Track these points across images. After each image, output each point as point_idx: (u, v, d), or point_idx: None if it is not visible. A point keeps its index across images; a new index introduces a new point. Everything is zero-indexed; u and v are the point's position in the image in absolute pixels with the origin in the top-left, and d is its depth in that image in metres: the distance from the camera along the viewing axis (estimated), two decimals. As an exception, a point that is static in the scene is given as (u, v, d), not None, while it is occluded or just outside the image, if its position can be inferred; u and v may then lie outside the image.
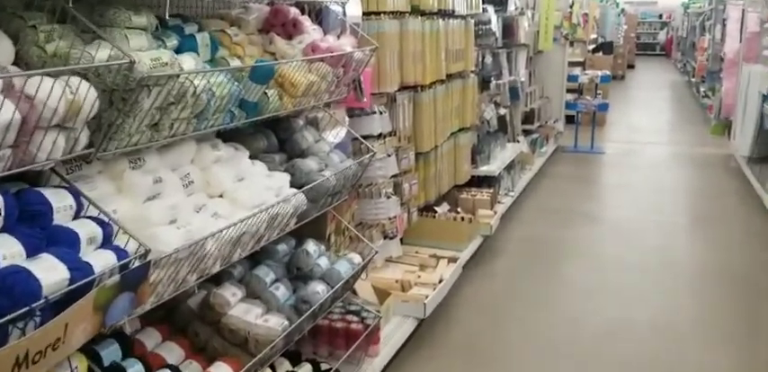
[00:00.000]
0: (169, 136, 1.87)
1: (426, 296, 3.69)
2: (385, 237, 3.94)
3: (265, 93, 2.31)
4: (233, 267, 2.59)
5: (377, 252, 2.99)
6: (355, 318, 3.22)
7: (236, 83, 2.11)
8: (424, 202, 4.69)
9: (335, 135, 3.07)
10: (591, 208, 6.50)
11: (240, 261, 2.61)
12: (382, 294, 3.64)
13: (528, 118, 7.94)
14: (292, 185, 2.58)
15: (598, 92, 9.57)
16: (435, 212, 4.88)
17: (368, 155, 2.93)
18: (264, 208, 2.14)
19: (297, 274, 2.73)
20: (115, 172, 1.83)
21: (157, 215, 1.81)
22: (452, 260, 4.28)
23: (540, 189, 7.06)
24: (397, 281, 3.85)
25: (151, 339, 2.14)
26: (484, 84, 6.15)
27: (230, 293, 2.28)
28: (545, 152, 8.02)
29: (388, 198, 3.89)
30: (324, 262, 2.79)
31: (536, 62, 8.40)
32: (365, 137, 3.76)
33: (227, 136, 2.61)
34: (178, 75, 1.72)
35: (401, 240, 4.68)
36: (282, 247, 2.79)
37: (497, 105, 6.52)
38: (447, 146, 4.99)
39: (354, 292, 3.50)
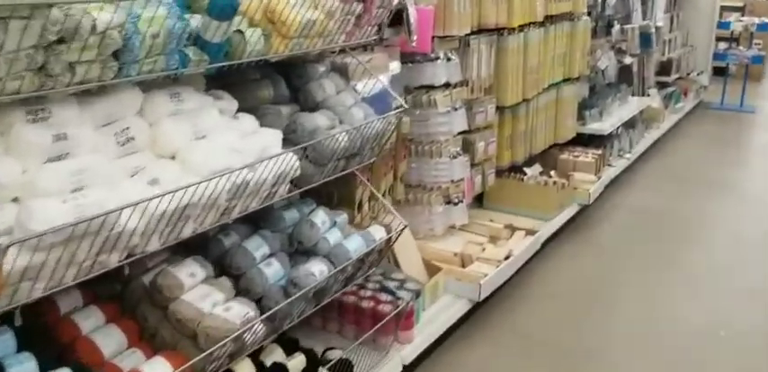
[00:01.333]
0: (74, 82, 1.49)
1: (485, 275, 3.19)
2: (448, 203, 3.45)
3: (240, 32, 1.87)
4: (226, 234, 2.23)
5: (406, 226, 2.53)
6: (389, 297, 2.79)
7: (184, 17, 1.68)
8: (509, 163, 4.11)
9: (370, 84, 2.59)
10: (729, 176, 5.56)
11: (236, 228, 2.25)
12: (433, 268, 3.18)
13: (664, 68, 6.97)
14: (294, 144, 2.16)
15: (755, 41, 8.27)
16: (524, 174, 4.29)
17: (396, 111, 2.43)
18: (216, 175, 1.73)
19: (298, 249, 2.33)
20: (3, 126, 1.48)
21: (50, 181, 1.45)
22: (531, 232, 3.71)
23: (666, 150, 6.17)
24: (456, 254, 3.36)
25: (90, 320, 1.83)
26: (605, 29, 5.35)
27: (187, 273, 1.91)
28: (681, 108, 7.03)
29: (454, 158, 3.37)
30: (334, 237, 2.37)
31: (681, 4, 7.30)
32: (429, 87, 3.26)
33: (223, 83, 2.22)
34: (50, 5, 1.31)
35: (481, 204, 4.18)
36: (292, 214, 2.39)
37: (622, 53, 5.68)
38: (545, 98, 4.34)
39: (397, 264, 3.07)
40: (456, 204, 3.46)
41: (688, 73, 7.59)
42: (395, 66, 2.92)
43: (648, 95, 6.35)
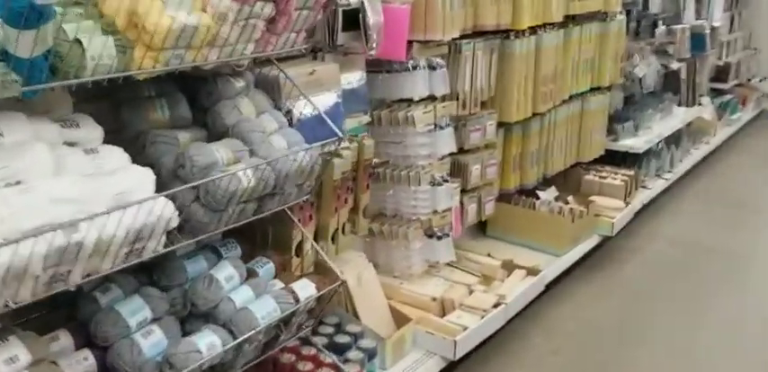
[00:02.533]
0: None
1: (464, 328, 2.66)
2: (430, 236, 2.92)
3: (78, 43, 1.39)
4: (105, 290, 1.77)
5: (341, 283, 2.02)
6: (334, 358, 2.31)
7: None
8: (517, 186, 3.55)
9: (307, 104, 2.09)
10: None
11: (121, 281, 1.79)
12: (402, 318, 2.67)
13: (720, 74, 6.24)
14: (184, 182, 1.69)
15: (831, 43, 7.39)
16: (537, 198, 3.72)
17: (329, 141, 1.93)
18: (25, 237, 1.27)
19: (192, 312, 1.86)
20: None
21: None
22: (533, 272, 3.16)
23: (716, 170, 5.45)
24: (434, 299, 2.84)
25: None
26: (648, 30, 4.72)
27: (4, 358, 1.45)
28: (737, 119, 6.28)
29: (438, 185, 2.84)
30: (242, 296, 1.89)
31: (744, 3, 6.54)
32: (409, 101, 2.74)
33: (111, 101, 1.78)
34: None
35: (483, 232, 3.64)
36: (197, 265, 1.92)
37: (668, 56, 5.01)
38: (566, 111, 3.76)
39: (356, 314, 2.57)
40: (440, 238, 2.93)
41: (749, 79, 6.81)
42: (355, 77, 2.41)
43: (700, 104, 5.65)
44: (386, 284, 2.85)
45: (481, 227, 3.65)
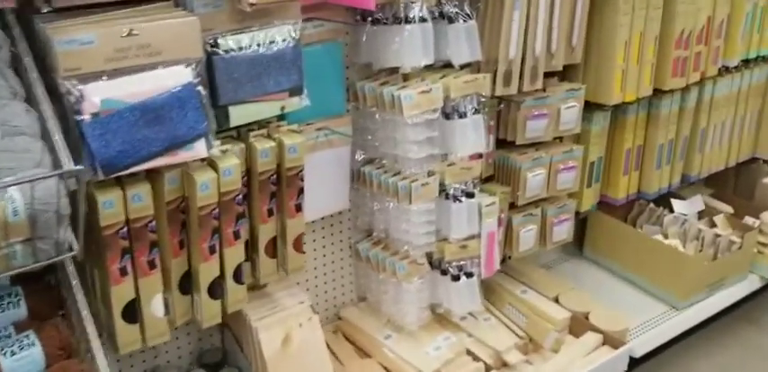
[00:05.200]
0: None
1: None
2: (443, 272, 1.94)
3: None
4: None
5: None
6: None
7: None
8: (630, 195, 2.38)
9: (117, 86, 1.21)
10: None
11: None
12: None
13: None
14: None
15: None
16: (670, 212, 2.51)
17: (64, 171, 1.05)
18: None
19: None
20: None
21: None
22: (612, 341, 2.05)
23: None
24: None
25: None
26: None
27: None
28: None
29: (454, 199, 1.84)
30: None
31: None
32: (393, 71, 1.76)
33: None
34: None
35: (580, 248, 2.57)
36: None
37: None
38: (727, 84, 2.45)
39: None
40: (456, 279, 1.94)
41: None
42: (277, 33, 1.43)
43: None
44: (367, 334, 1.98)
45: (578, 243, 2.57)
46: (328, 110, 1.77)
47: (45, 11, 1.20)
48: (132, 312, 1.42)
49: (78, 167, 1.03)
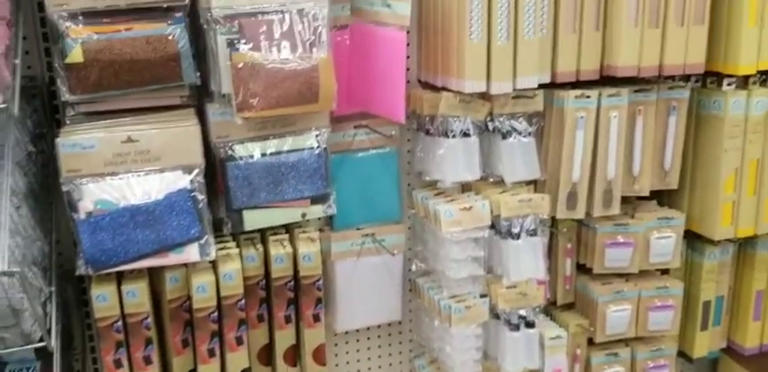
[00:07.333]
0: None
1: None
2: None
3: None
4: None
5: None
6: None
7: None
8: (757, 347, 1.97)
9: (122, 187, 1.29)
10: None
11: None
12: None
13: None
14: None
15: None
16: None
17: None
18: None
19: None
20: None
21: None
22: None
23: None
24: None
25: None
26: None
27: None
28: None
29: (514, 328, 1.67)
30: None
31: None
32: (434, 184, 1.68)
33: None
34: None
35: None
36: None
37: None
38: None
39: None
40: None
41: None
42: (304, 140, 1.45)
43: None
44: None
45: None
46: (382, 216, 1.72)
47: (71, 114, 1.32)
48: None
49: (13, 269, 1.08)
